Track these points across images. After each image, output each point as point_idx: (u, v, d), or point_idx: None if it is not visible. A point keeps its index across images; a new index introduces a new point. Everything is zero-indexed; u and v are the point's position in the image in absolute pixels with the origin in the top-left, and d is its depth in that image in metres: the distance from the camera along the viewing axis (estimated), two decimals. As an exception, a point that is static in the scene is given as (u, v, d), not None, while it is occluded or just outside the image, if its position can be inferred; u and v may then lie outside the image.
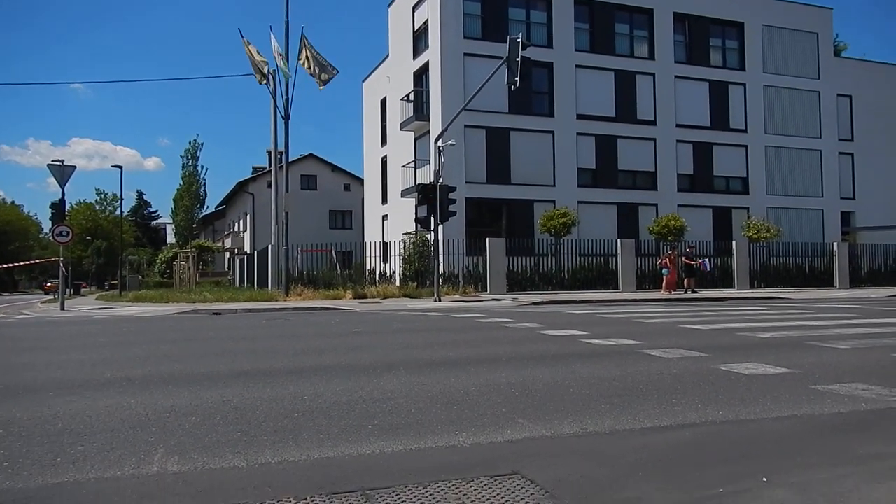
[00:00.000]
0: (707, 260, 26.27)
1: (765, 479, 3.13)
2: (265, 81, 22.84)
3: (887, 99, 36.34)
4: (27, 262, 58.53)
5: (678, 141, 31.56)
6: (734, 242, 27.78)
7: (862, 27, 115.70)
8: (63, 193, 22.16)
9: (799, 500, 2.87)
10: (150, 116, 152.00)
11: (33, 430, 4.33)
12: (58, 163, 21.71)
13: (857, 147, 35.71)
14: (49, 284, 62.87)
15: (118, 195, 73.80)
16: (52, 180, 30.17)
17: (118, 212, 66.68)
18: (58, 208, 21.87)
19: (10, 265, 47.15)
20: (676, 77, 31.67)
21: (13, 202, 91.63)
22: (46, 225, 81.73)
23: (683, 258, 24.98)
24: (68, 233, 21.59)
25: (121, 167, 45.70)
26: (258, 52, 22.86)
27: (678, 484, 3.11)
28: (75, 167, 22.30)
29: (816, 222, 33.85)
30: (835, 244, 29.69)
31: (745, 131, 32.93)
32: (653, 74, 31.30)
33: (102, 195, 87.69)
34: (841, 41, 48.14)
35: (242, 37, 23.00)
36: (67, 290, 32.33)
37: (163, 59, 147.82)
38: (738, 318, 12.67)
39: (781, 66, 33.70)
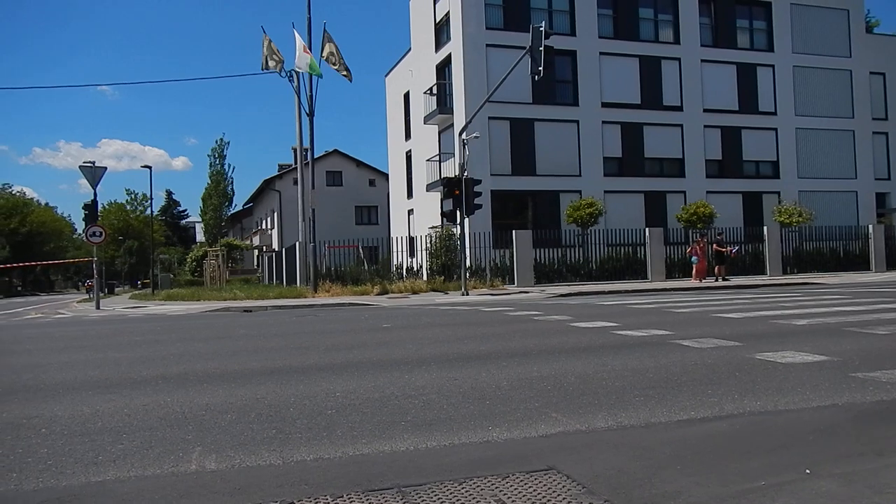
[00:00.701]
0: (738, 247, 25.93)
1: (808, 471, 3.07)
2: (274, 70, 22.96)
3: (921, 75, 35.35)
4: (62, 262, 59.70)
5: (706, 126, 31.10)
6: (765, 228, 27.35)
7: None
8: (95, 194, 22.50)
9: (845, 491, 2.81)
10: (177, 116, 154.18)
11: (74, 429, 4.42)
12: (89, 164, 22.10)
13: (891, 126, 34.77)
14: (90, 283, 64.34)
15: (148, 195, 74.67)
16: (84, 181, 30.74)
17: (148, 211, 67.54)
18: (90, 209, 22.24)
19: (46, 263, 48.18)
20: (703, 61, 31.18)
21: (47, 204, 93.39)
22: (80, 226, 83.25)
23: (714, 245, 24.66)
24: (101, 233, 21.95)
25: (150, 167, 46.24)
26: (278, 52, 22.96)
27: (717, 477, 3.06)
28: (106, 168, 22.71)
29: (850, 205, 33.17)
30: (870, 226, 29.07)
31: (774, 114, 32.35)
32: (678, 59, 30.86)
33: (133, 195, 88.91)
34: (873, 17, 46.99)
35: (265, 34, 23.15)
36: (103, 290, 32.81)
37: (186, 60, 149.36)
38: (771, 306, 12.48)
39: (811, 45, 33.00)
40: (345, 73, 22.61)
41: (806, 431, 3.82)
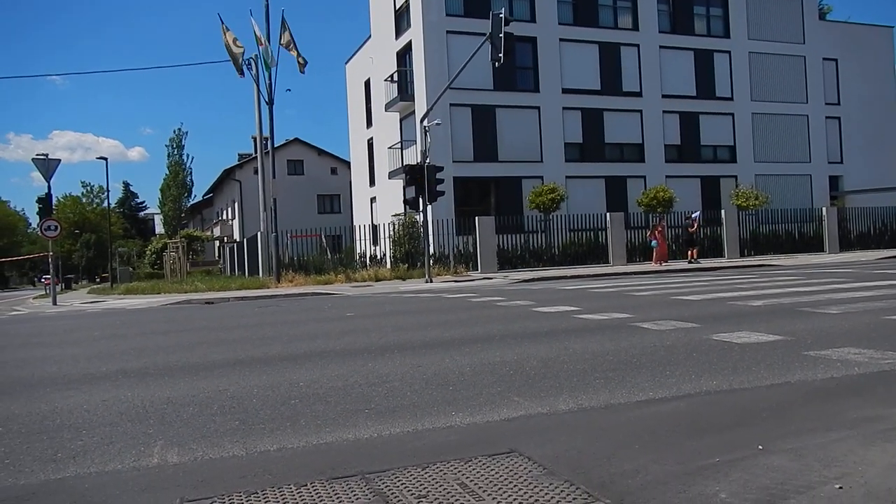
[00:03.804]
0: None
1: (760, 447, 3.16)
2: (242, 75, 22.79)
3: (872, 61, 36.12)
4: (16, 258, 58.16)
5: (664, 112, 31.49)
6: (723, 211, 27.84)
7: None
8: (49, 187, 21.94)
9: (795, 465, 2.91)
10: (132, 107, 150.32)
11: (32, 427, 4.35)
12: (42, 156, 21.57)
13: (843, 111, 35.61)
14: (46, 279, 62.95)
15: (104, 187, 73.02)
16: (37, 174, 30.00)
17: (105, 204, 66.12)
18: (44, 203, 21.71)
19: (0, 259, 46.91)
20: (661, 47, 31.52)
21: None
22: (34, 220, 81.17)
23: (689, 229, 24.86)
24: (56, 227, 21.48)
25: (106, 159, 45.15)
26: (235, 42, 22.65)
27: (674, 455, 3.14)
28: (60, 160, 22.15)
29: (805, 188, 33.96)
30: (823, 209, 29.80)
31: (731, 99, 32.89)
32: (637, 45, 31.14)
33: (88, 188, 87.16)
34: (825, 3, 47.88)
35: (222, 23, 22.76)
36: (59, 285, 32.15)
37: (141, 49, 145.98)
38: (729, 287, 12.75)
39: (766, 31, 33.59)
40: (299, 63, 22.38)
41: (759, 409, 3.93)
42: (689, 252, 24.42)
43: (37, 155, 21.55)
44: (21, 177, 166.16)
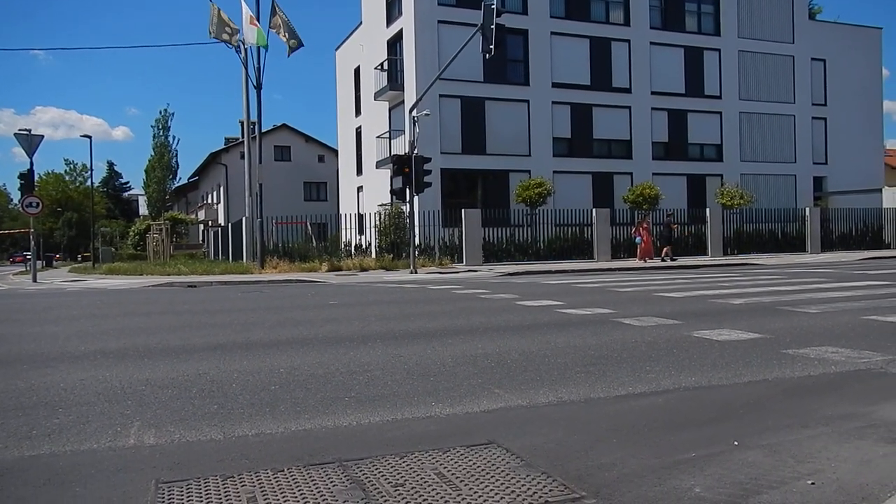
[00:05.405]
0: (675, 224, 26.27)
1: (736, 443, 3.20)
2: (227, 42, 22.40)
3: (860, 62, 36.24)
4: None
5: (653, 108, 31.56)
6: (708, 210, 28.01)
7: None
8: (31, 163, 21.66)
9: (769, 461, 2.94)
10: (117, 86, 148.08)
11: (8, 403, 4.33)
12: (25, 132, 21.30)
13: (829, 111, 35.78)
14: (16, 258, 62.44)
15: (88, 166, 72.20)
16: (19, 150, 29.61)
17: (88, 183, 65.42)
18: (26, 179, 21.47)
19: None
20: (651, 43, 31.56)
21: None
22: (15, 196, 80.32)
23: (665, 226, 25.09)
24: (38, 204, 21.26)
25: (90, 137, 44.62)
26: (231, 22, 22.41)
27: (651, 449, 3.16)
28: (43, 136, 21.92)
29: (789, 188, 34.20)
30: (807, 209, 30.04)
31: (719, 98, 33.02)
32: (628, 41, 31.17)
33: (72, 166, 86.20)
34: (815, 4, 48.08)
35: (213, 3, 22.51)
36: (39, 263, 31.73)
37: (130, 29, 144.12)
38: (711, 285, 12.85)
39: (756, 30, 33.72)
40: (293, 42, 22.11)
41: (737, 405, 3.96)
42: (664, 249, 24.47)
43: (19, 130, 21.34)
44: (2, 152, 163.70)
